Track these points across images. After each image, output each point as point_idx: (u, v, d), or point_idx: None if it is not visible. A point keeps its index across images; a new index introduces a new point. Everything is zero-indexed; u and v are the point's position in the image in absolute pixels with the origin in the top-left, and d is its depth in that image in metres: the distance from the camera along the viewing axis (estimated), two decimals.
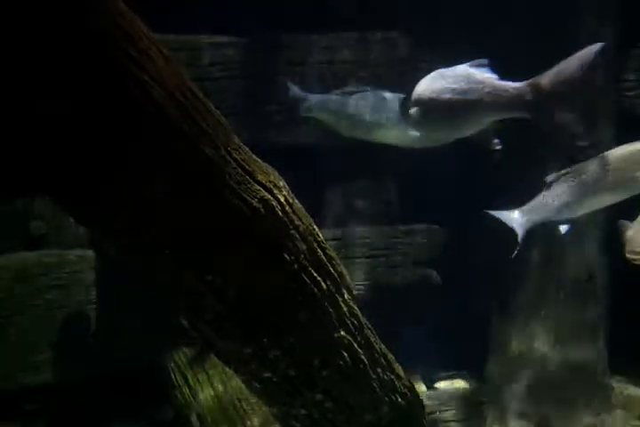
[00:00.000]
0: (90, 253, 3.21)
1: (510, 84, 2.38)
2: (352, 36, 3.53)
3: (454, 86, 2.40)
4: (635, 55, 3.28)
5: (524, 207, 2.81)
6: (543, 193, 2.75)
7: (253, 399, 2.35)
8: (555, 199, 2.70)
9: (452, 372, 3.77)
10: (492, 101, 2.40)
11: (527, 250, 3.50)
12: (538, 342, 3.52)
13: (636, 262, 2.32)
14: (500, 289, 3.66)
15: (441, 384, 3.75)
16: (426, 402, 2.41)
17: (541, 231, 3.12)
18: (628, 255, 2.32)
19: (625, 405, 3.40)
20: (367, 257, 3.67)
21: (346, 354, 1.85)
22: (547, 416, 3.48)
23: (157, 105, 1.44)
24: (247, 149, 1.67)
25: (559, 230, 2.76)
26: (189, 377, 2.67)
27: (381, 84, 3.26)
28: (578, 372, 3.44)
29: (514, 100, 2.35)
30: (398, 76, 3.55)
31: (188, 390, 2.63)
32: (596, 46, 2.30)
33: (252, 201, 1.60)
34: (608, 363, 3.46)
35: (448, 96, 2.42)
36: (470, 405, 3.71)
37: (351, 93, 3.03)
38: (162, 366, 2.91)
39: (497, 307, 3.70)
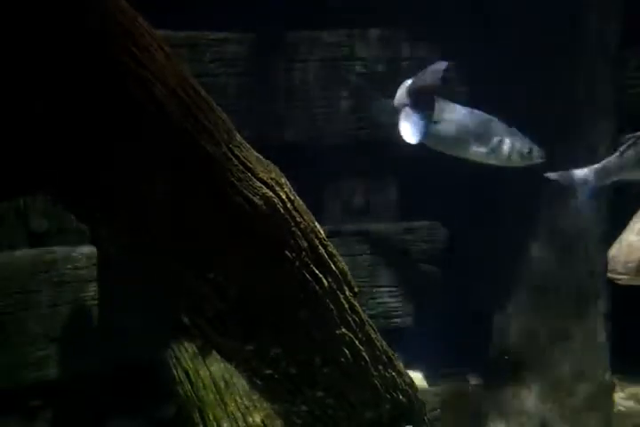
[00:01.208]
0: (91, 250, 3.21)
1: None
2: (355, 33, 3.52)
3: None
4: (635, 53, 3.27)
5: (596, 166, 2.82)
6: (617, 153, 2.79)
7: (255, 396, 2.35)
8: (629, 160, 2.74)
9: (453, 369, 3.78)
10: None
11: (527, 248, 3.50)
12: (538, 340, 3.52)
13: (618, 282, 2.29)
14: (500, 287, 3.66)
15: (442, 381, 3.75)
16: (427, 399, 2.41)
17: (541, 228, 3.11)
18: (609, 275, 2.30)
19: (627, 403, 3.41)
20: (368, 254, 3.67)
21: (347, 351, 1.85)
22: (551, 415, 3.49)
23: (158, 102, 1.44)
24: (249, 146, 1.67)
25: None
26: (191, 373, 2.67)
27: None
28: (579, 371, 3.44)
29: None
30: (395, 74, 3.54)
31: (189, 386, 2.63)
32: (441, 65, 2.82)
33: (254, 198, 1.60)
34: (609, 362, 3.46)
35: None
36: (471, 402, 3.71)
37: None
38: (163, 362, 2.92)
39: (497, 305, 3.70)
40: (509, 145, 2.99)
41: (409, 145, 3.04)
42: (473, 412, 3.67)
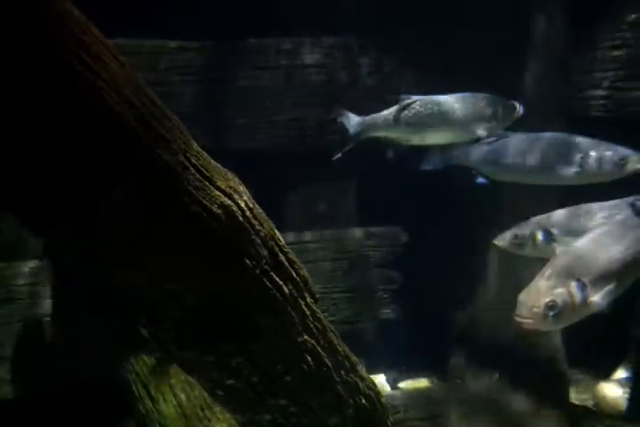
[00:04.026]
0: (44, 264, 3.12)
1: None
2: (313, 41, 3.55)
3: None
4: (585, 57, 3.39)
5: (367, 117, 3.01)
6: (389, 111, 2.98)
7: (217, 407, 2.32)
8: (396, 119, 2.95)
9: (415, 372, 3.82)
10: None
11: (488, 250, 3.58)
12: (499, 340, 3.59)
13: (522, 326, 2.31)
14: (461, 289, 3.73)
15: (404, 384, 3.79)
16: (390, 402, 2.42)
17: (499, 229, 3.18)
18: (515, 318, 2.32)
19: (584, 398, 3.51)
20: (329, 260, 3.68)
21: (309, 358, 1.85)
22: (510, 410, 3.56)
23: (112, 111, 1.42)
24: (206, 154, 1.66)
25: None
26: (151, 388, 2.61)
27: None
28: (539, 365, 3.52)
29: None
30: (354, 80, 3.59)
31: (149, 401, 2.58)
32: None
33: (212, 207, 1.58)
34: (566, 355, 3.56)
35: None
36: (434, 403, 3.76)
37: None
38: (122, 377, 2.85)
39: (458, 306, 3.76)
40: (596, 158, 2.75)
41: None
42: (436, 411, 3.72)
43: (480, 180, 3.02)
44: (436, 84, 3.53)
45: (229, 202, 1.62)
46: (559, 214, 2.93)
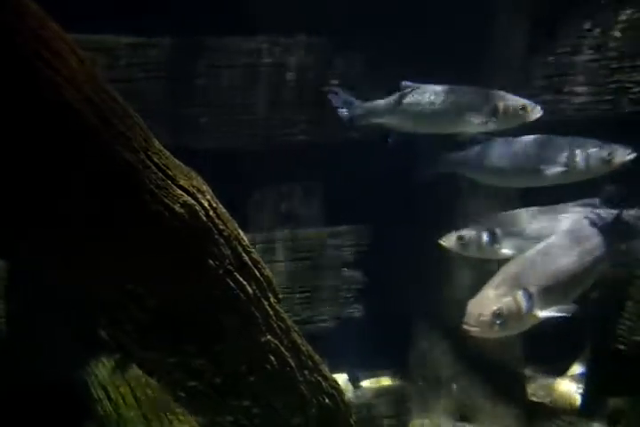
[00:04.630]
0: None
1: None
2: (275, 39, 3.54)
3: None
4: (542, 62, 3.47)
5: (367, 103, 2.99)
6: (388, 99, 2.99)
7: (179, 409, 2.30)
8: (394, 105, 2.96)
9: (378, 370, 3.85)
10: None
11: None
12: (455, 340, 3.64)
13: (471, 335, 2.37)
14: (423, 288, 3.78)
15: (367, 383, 3.82)
16: (353, 401, 2.44)
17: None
18: (464, 326, 2.36)
19: (540, 394, 3.59)
20: (293, 260, 3.68)
21: (273, 358, 1.85)
22: (470, 408, 3.62)
23: (71, 107, 1.39)
24: (168, 153, 1.64)
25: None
26: (110, 390, 2.57)
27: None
28: (496, 364, 3.60)
29: None
30: (321, 80, 3.59)
31: (109, 404, 2.53)
32: None
33: (174, 206, 1.57)
34: (523, 354, 3.64)
35: None
36: (396, 402, 3.80)
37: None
38: (80, 379, 2.79)
39: (420, 306, 3.81)
40: (583, 156, 2.75)
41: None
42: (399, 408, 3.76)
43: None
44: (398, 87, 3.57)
45: (192, 201, 1.61)
46: (504, 216, 2.99)
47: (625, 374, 3.06)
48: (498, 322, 2.32)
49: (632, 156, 2.75)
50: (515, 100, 2.88)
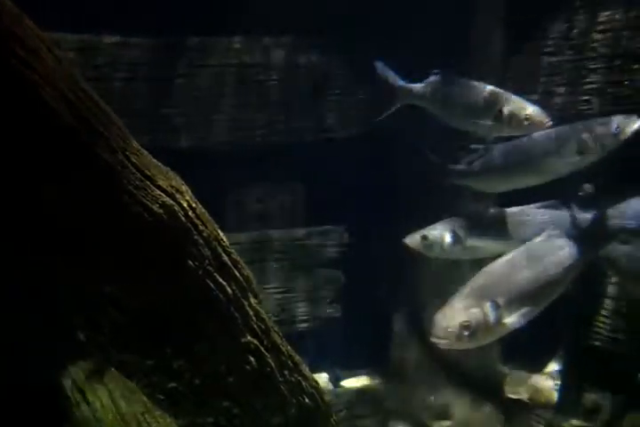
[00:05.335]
0: None
1: None
2: (253, 40, 3.53)
3: None
4: (520, 63, 3.51)
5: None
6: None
7: (158, 411, 2.28)
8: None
9: (357, 370, 3.87)
10: None
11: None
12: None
13: (439, 346, 2.35)
14: (401, 288, 3.80)
15: (347, 382, 3.83)
16: (333, 400, 2.44)
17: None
18: (431, 338, 2.35)
19: (517, 390, 3.64)
20: (273, 260, 3.68)
21: (252, 359, 1.85)
22: (448, 405, 3.66)
23: (48, 106, 1.37)
24: (147, 153, 1.62)
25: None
26: (87, 393, 2.53)
27: None
28: (474, 362, 3.64)
29: None
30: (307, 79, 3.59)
31: (86, 407, 2.49)
32: None
33: (153, 207, 1.55)
34: (500, 352, 3.69)
35: None
36: (375, 401, 3.82)
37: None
38: (57, 383, 2.74)
39: (398, 305, 3.83)
40: (592, 137, 2.65)
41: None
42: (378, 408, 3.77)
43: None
44: (379, 84, 3.59)
45: (171, 201, 1.60)
46: (469, 217, 2.99)
47: (599, 370, 3.11)
48: (466, 334, 2.31)
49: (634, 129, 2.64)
50: (521, 107, 2.72)
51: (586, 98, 3.16)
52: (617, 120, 2.71)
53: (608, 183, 2.96)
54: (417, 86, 3.00)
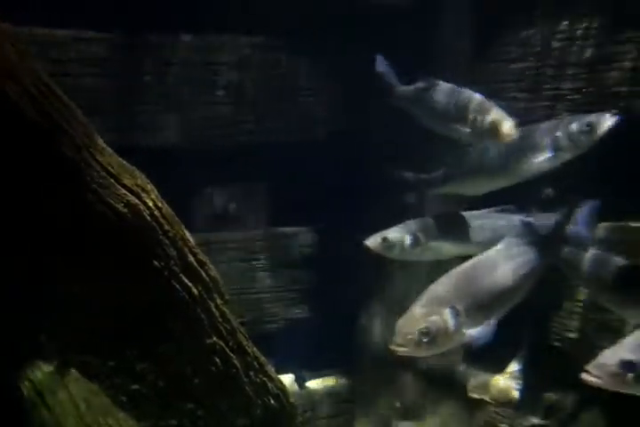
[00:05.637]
0: None
1: None
2: (222, 38, 3.50)
3: None
4: (485, 69, 3.57)
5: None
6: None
7: (121, 414, 2.24)
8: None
9: (323, 370, 3.88)
10: None
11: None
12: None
13: (398, 353, 2.36)
14: (366, 289, 3.82)
15: (312, 383, 3.84)
16: (298, 401, 2.44)
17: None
18: (391, 346, 2.35)
19: (479, 390, 3.71)
20: (238, 261, 3.66)
21: (218, 360, 1.83)
22: (412, 406, 3.70)
23: (10, 101, 1.33)
24: (112, 151, 1.60)
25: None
26: (47, 396, 2.46)
27: None
28: (437, 363, 3.68)
29: None
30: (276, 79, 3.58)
31: (46, 411, 2.43)
32: None
33: (118, 206, 1.53)
34: (463, 353, 3.74)
35: None
36: (341, 401, 3.83)
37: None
38: (14, 386, 2.66)
39: (363, 306, 3.86)
40: (565, 135, 2.68)
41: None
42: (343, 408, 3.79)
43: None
44: (350, 87, 3.61)
45: (136, 201, 1.57)
46: (429, 220, 3.02)
47: (558, 369, 3.19)
48: (425, 340, 2.32)
49: (614, 120, 2.66)
50: (495, 119, 2.72)
51: (547, 104, 3.25)
52: (590, 118, 2.75)
53: (573, 186, 3.03)
54: (408, 88, 3.00)
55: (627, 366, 2.00)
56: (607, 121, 2.71)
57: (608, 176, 2.90)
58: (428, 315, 2.37)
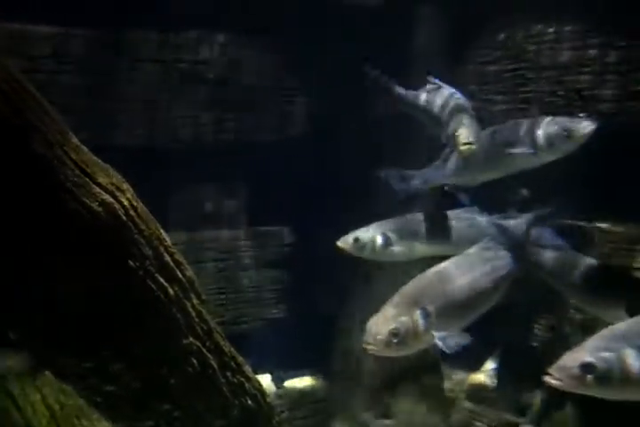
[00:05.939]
0: None
1: None
2: (200, 35, 3.47)
3: None
4: (462, 71, 3.62)
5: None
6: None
7: (95, 415, 2.20)
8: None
9: (300, 370, 3.87)
10: None
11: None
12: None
13: (370, 351, 2.39)
14: (344, 289, 3.83)
15: (290, 383, 3.83)
16: (275, 401, 2.43)
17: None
18: (363, 345, 2.38)
19: (455, 389, 3.74)
20: (216, 260, 3.63)
21: (194, 360, 1.82)
22: (389, 406, 3.71)
23: None
24: (86, 149, 1.57)
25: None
26: (18, 398, 2.41)
27: None
28: (414, 362, 3.71)
29: None
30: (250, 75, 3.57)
31: (17, 413, 2.38)
32: None
33: (92, 205, 1.51)
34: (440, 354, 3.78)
35: None
36: (318, 401, 3.83)
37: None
38: None
39: (341, 307, 3.86)
40: (544, 134, 2.67)
41: None
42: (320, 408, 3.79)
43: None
44: (320, 88, 3.62)
45: (111, 199, 1.55)
46: (401, 220, 3.04)
47: (531, 368, 3.24)
48: (395, 341, 2.34)
49: (592, 127, 2.67)
50: (462, 134, 2.74)
51: (522, 106, 3.29)
52: (569, 123, 2.77)
53: (545, 188, 3.07)
54: (416, 94, 3.05)
55: (587, 368, 2.01)
56: (584, 129, 2.71)
57: (580, 178, 2.96)
58: (399, 315, 2.40)
